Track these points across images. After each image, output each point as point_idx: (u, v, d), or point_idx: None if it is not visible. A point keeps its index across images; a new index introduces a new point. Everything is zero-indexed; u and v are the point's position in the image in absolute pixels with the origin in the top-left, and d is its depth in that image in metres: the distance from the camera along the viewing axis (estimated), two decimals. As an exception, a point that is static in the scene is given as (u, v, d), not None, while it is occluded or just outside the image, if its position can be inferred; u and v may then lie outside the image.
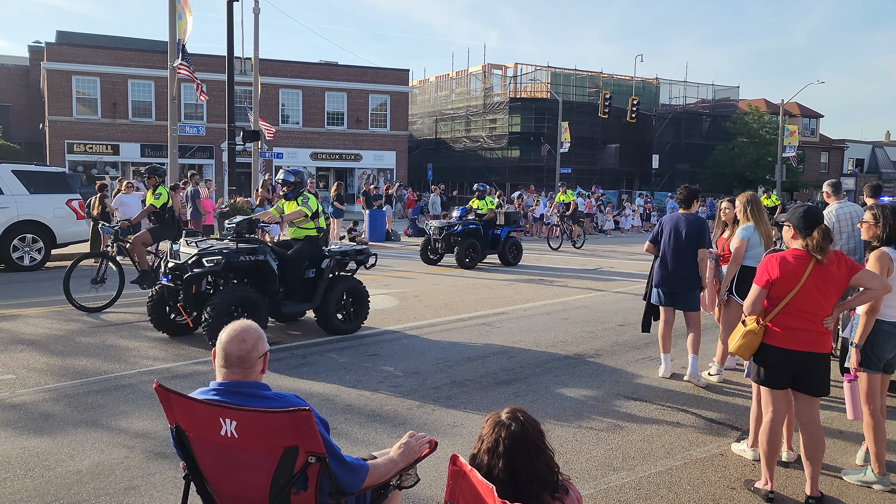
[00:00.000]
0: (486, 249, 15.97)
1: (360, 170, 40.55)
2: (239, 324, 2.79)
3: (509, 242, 16.35)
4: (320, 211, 8.64)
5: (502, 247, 16.16)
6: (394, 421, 5.55)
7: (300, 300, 8.37)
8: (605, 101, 37.84)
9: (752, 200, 6.61)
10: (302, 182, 8.72)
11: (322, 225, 8.62)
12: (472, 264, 15.26)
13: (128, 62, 35.03)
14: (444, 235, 15.62)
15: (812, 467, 4.25)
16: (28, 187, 13.70)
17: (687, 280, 6.79)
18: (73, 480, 4.39)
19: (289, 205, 8.67)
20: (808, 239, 4.09)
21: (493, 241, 16.20)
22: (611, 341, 8.50)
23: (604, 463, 4.85)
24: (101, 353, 7.43)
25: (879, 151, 64.27)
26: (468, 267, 15.14)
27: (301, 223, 8.54)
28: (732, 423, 5.73)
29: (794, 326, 4.15)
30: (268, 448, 2.56)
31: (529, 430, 2.29)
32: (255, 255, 7.78)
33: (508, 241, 16.34)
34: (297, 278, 8.31)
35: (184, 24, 17.66)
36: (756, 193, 6.89)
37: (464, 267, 15.14)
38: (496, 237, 16.24)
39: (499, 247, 16.16)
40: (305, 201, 8.49)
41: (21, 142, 44.50)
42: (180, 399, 2.65)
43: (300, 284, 8.35)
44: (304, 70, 39.02)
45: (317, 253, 8.49)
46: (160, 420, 5.38)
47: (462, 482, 2.26)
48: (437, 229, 15.76)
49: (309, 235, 8.53)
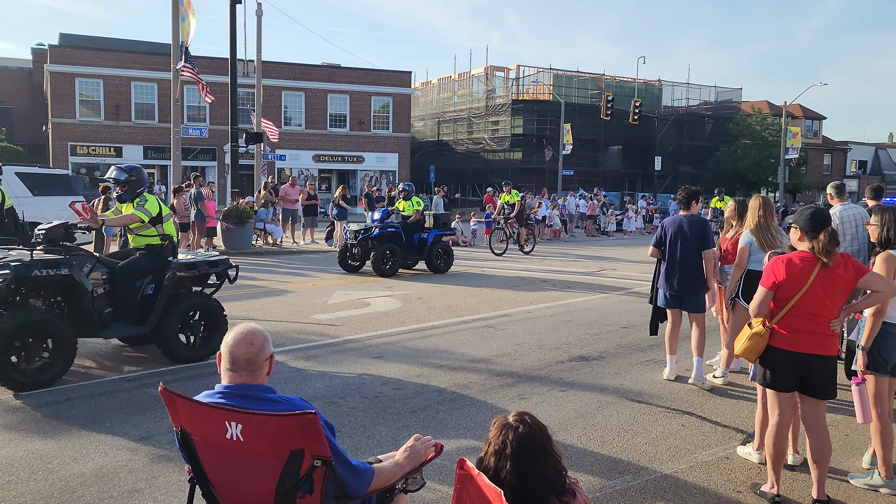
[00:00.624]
0: (411, 255, 14.76)
1: (363, 172, 40.59)
2: (245, 326, 2.78)
3: (437, 247, 14.92)
4: (165, 214, 7.29)
5: (429, 252, 14.74)
6: (398, 424, 5.54)
7: (133, 321, 6.99)
8: (608, 102, 37.83)
9: (742, 204, 6.91)
10: (139, 181, 7.28)
11: (169, 231, 7.32)
12: (390, 271, 13.98)
13: (131, 64, 35.13)
14: (359, 240, 14.31)
15: (818, 470, 4.23)
16: (31, 189, 13.74)
17: (692, 281, 6.77)
18: (76, 483, 4.38)
19: (125, 207, 7.35)
20: (814, 241, 4.07)
21: (419, 245, 14.87)
22: (615, 343, 8.48)
23: (609, 466, 4.83)
24: (103, 356, 7.42)
25: (882, 153, 64.20)
26: (385, 274, 13.86)
27: (139, 230, 7.21)
28: (737, 427, 5.70)
29: (801, 329, 4.13)
30: (273, 451, 2.54)
31: (537, 433, 2.28)
32: (56, 268, 6.32)
33: (436, 245, 14.91)
34: (130, 295, 6.96)
35: (187, 26, 17.70)
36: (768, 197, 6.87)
37: (381, 274, 13.85)
38: (423, 241, 14.87)
39: (425, 252, 14.78)
40: (143, 204, 7.13)
41: (24, 144, 44.59)
42: (186, 402, 2.64)
43: (134, 302, 6.99)
44: (306, 72, 39.10)
45: (158, 265, 7.16)
46: (163, 423, 5.37)
47: (469, 486, 2.25)
48: (354, 233, 14.47)
49: (150, 244, 7.20)
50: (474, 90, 49.81)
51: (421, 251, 14.85)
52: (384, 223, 14.50)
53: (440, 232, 15.23)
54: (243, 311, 9.94)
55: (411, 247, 14.81)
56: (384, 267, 13.91)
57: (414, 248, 14.86)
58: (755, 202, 6.50)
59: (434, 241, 14.96)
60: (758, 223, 6.32)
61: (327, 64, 41.83)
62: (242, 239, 18.20)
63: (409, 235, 14.78)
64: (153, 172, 36.41)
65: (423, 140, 51.52)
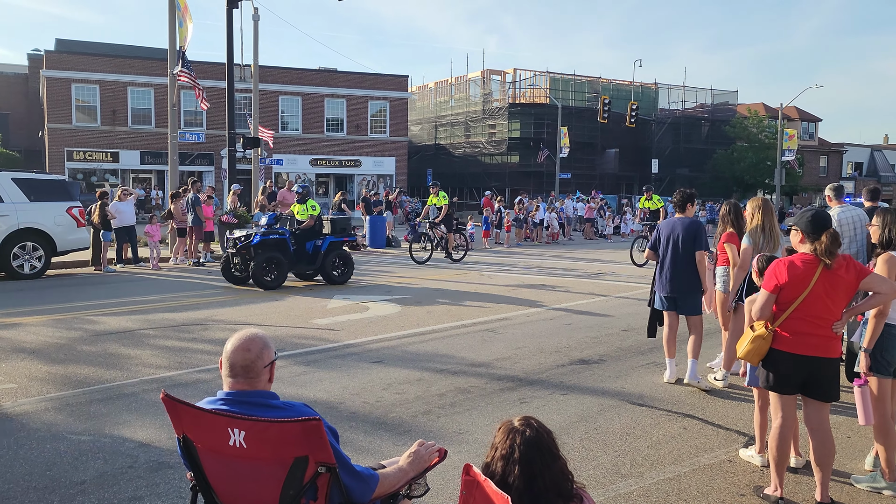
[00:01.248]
0: (303, 264, 13.46)
1: (360, 176, 40.59)
2: (244, 332, 2.76)
3: (332, 255, 13.53)
4: None
5: (323, 261, 13.40)
6: (399, 429, 5.51)
7: None
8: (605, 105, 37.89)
9: (735, 206, 6.92)
10: None
11: None
12: (273, 284, 12.56)
13: (127, 70, 35.12)
14: (238, 248, 12.82)
15: (822, 473, 4.21)
16: (28, 195, 13.68)
17: (686, 283, 6.78)
18: (76, 491, 4.34)
19: None
20: (816, 243, 4.06)
21: (313, 253, 13.52)
22: (615, 346, 8.47)
23: (612, 470, 4.81)
24: (102, 362, 7.39)
25: (878, 155, 64.40)
26: (268, 287, 12.45)
27: None
28: (739, 429, 5.69)
29: (803, 331, 4.12)
30: (277, 458, 2.52)
31: (544, 436, 2.26)
32: None
33: (332, 253, 13.53)
34: None
35: (184, 31, 17.69)
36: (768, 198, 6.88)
37: (262, 287, 12.42)
38: (317, 249, 13.53)
39: (318, 261, 13.45)
40: None
41: (20, 150, 44.54)
42: (188, 409, 2.62)
43: None
44: (303, 77, 39.12)
45: None
46: (164, 429, 5.35)
47: (476, 492, 2.23)
48: (233, 241, 12.99)
49: None
50: (471, 94, 49.87)
51: (314, 260, 13.52)
52: (270, 229, 13.12)
53: (337, 239, 13.87)
54: (242, 317, 9.91)
55: (303, 255, 13.51)
56: (265, 279, 12.53)
57: (307, 257, 13.54)
58: (755, 203, 6.50)
59: (329, 249, 13.58)
60: (757, 225, 6.32)
61: (324, 68, 41.86)
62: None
63: (302, 243, 13.50)
64: (150, 178, 36.40)
65: (421, 144, 51.55)
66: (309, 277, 13.91)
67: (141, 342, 8.31)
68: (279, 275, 12.75)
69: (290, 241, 13.21)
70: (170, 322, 9.55)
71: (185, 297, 11.67)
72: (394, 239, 22.94)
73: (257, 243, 12.69)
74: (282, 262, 12.81)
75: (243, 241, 12.78)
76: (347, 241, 14.25)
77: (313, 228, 13.70)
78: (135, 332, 8.83)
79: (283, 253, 12.98)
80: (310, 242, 13.60)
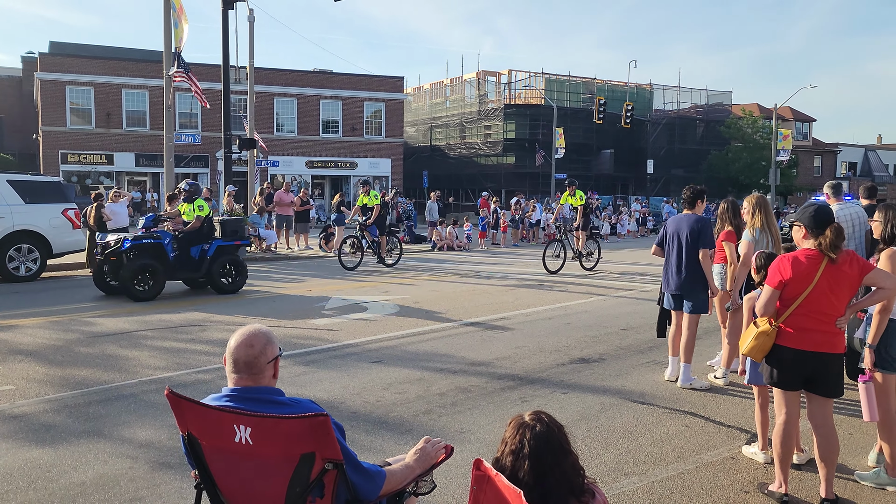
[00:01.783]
0: (186, 271, 12.11)
1: (356, 177, 40.51)
2: (247, 328, 2.73)
3: (220, 261, 12.23)
4: None
5: (209, 267, 12.10)
6: (401, 428, 5.49)
7: None
8: (600, 106, 37.92)
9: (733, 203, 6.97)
10: None
11: None
12: (147, 294, 11.25)
13: (121, 72, 35.00)
14: (107, 254, 11.56)
15: (826, 469, 4.20)
16: (23, 197, 13.60)
17: (689, 282, 6.71)
18: (76, 492, 4.31)
19: None
20: (820, 238, 4.05)
21: (199, 259, 12.16)
22: (614, 345, 8.46)
23: (615, 468, 4.79)
24: (100, 363, 7.34)
25: (872, 155, 64.65)
26: (140, 298, 11.13)
27: None
28: (741, 426, 5.68)
29: (807, 327, 4.11)
30: (284, 455, 2.50)
31: (554, 431, 2.24)
32: None
33: (220, 259, 12.23)
34: None
35: (179, 32, 17.63)
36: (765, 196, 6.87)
37: (133, 298, 11.10)
38: (203, 254, 12.18)
39: (203, 267, 12.13)
40: None
41: (14, 153, 44.36)
42: (193, 406, 2.59)
43: None
44: (298, 78, 39.05)
45: None
46: (164, 430, 5.31)
47: (487, 487, 2.20)
48: (101, 246, 11.88)
49: None
50: (466, 95, 49.84)
51: (200, 267, 12.16)
52: (146, 232, 11.88)
53: (227, 243, 12.47)
54: (240, 317, 9.87)
55: (187, 261, 12.10)
56: (137, 289, 11.19)
57: (192, 263, 12.14)
58: (752, 201, 6.50)
59: (216, 255, 12.22)
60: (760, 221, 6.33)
61: (319, 70, 41.81)
62: (237, 245, 18.07)
63: (186, 247, 12.11)
64: (145, 180, 36.28)
65: (416, 145, 51.50)
66: (200, 285, 12.73)
67: (139, 343, 8.27)
68: (154, 284, 11.42)
69: (168, 246, 11.83)
70: (167, 323, 9.51)
71: (182, 298, 11.61)
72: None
73: (128, 248, 11.48)
74: (157, 270, 11.48)
75: (113, 246, 11.55)
76: (240, 244, 12.83)
77: (201, 231, 12.31)
78: (132, 334, 8.78)
79: (159, 259, 11.64)
80: (196, 247, 12.21)
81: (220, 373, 6.82)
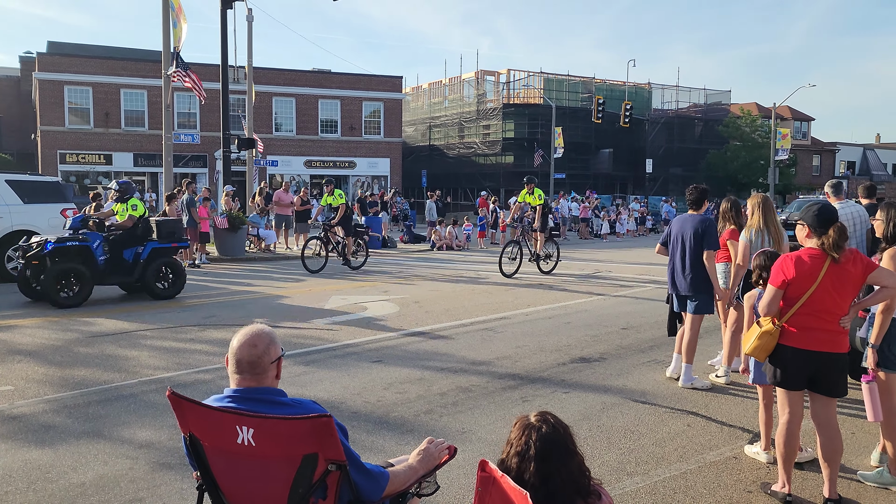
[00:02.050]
0: (118, 275, 11.28)
1: (355, 177, 40.51)
2: (250, 328, 2.71)
3: (156, 265, 11.43)
4: None
5: (143, 271, 11.28)
6: (402, 428, 5.47)
7: None
8: (598, 106, 37.92)
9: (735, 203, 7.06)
10: None
11: None
12: (72, 300, 10.47)
13: (120, 71, 34.95)
14: (28, 258, 10.81)
15: (830, 469, 4.19)
16: (22, 197, 13.57)
17: (693, 281, 6.69)
18: (76, 493, 4.28)
19: None
20: (823, 237, 4.03)
21: (133, 262, 11.38)
22: (615, 345, 8.44)
23: (617, 468, 4.77)
24: (100, 363, 7.31)
25: (870, 154, 64.70)
26: (63, 305, 10.37)
27: None
28: (743, 426, 5.66)
29: (811, 326, 4.09)
30: (286, 456, 2.48)
31: (560, 432, 2.23)
32: None
33: (154, 262, 11.41)
34: None
35: (178, 31, 17.60)
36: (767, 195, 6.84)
37: (55, 304, 10.36)
38: (137, 257, 11.38)
39: (136, 272, 11.31)
40: None
41: (12, 153, 44.28)
42: (194, 406, 2.57)
43: None
44: (297, 78, 39.01)
45: None
46: (164, 430, 5.29)
47: (492, 489, 2.18)
48: (23, 249, 11.20)
49: None
50: (465, 94, 49.83)
51: (132, 270, 11.35)
52: (73, 234, 11.01)
53: (163, 245, 11.65)
54: (239, 317, 9.85)
55: (119, 265, 11.31)
56: (60, 295, 10.42)
57: (124, 267, 11.34)
58: (754, 201, 6.49)
59: (150, 258, 11.43)
60: (758, 222, 6.32)
61: (318, 70, 41.77)
62: (236, 245, 18.09)
63: (119, 250, 11.35)
64: (143, 180, 36.23)
65: (415, 145, 51.47)
66: (136, 290, 11.87)
67: (138, 343, 8.24)
68: (81, 290, 10.62)
69: (98, 249, 10.99)
70: (167, 323, 9.48)
71: (181, 298, 11.58)
72: (389, 240, 22.92)
73: (51, 251, 10.61)
74: (83, 275, 10.64)
75: (35, 249, 10.77)
76: (177, 247, 12.10)
77: (134, 233, 11.54)
78: (132, 334, 8.76)
79: (85, 263, 10.78)
80: (129, 249, 11.44)
81: (220, 372, 6.80)
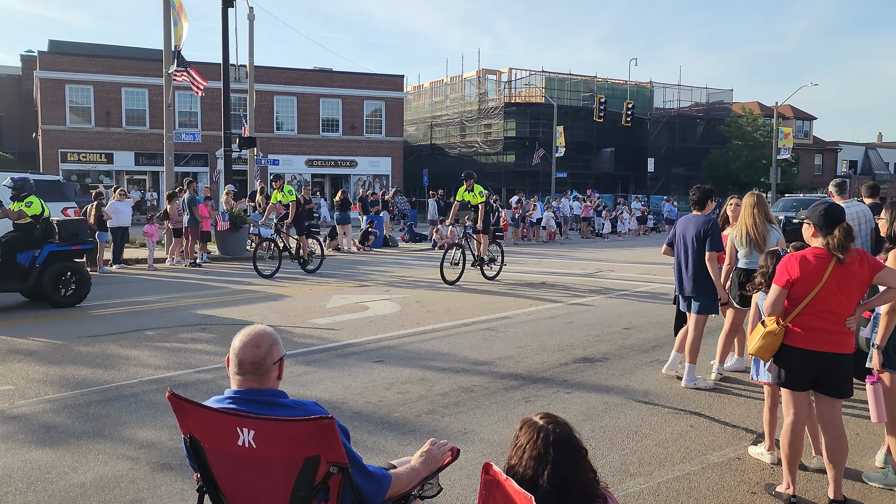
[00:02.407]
0: (9, 281, 10.18)
1: (356, 176, 40.47)
2: (252, 329, 2.68)
3: (54, 270, 10.37)
4: None
5: (38, 277, 10.26)
6: (403, 428, 5.44)
7: None
8: (600, 105, 37.86)
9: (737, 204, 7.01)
10: None
11: None
12: None
13: (121, 70, 34.92)
14: None
15: (835, 470, 4.16)
16: (23, 196, 13.54)
17: (697, 282, 6.65)
18: (77, 494, 4.26)
19: None
20: (829, 237, 4.00)
21: (29, 267, 10.29)
22: (617, 345, 8.41)
23: (620, 469, 4.74)
24: (100, 363, 7.29)
25: (872, 153, 64.62)
26: None
27: None
28: (747, 426, 5.63)
29: (816, 327, 4.06)
30: (288, 458, 2.45)
31: (569, 432, 2.20)
32: None
33: (52, 266, 10.36)
34: None
35: (179, 30, 17.57)
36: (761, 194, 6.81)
37: None
38: (33, 261, 10.30)
39: (30, 278, 10.25)
40: None
41: (14, 151, 44.23)
42: (195, 408, 2.54)
43: None
44: (298, 77, 38.97)
45: None
46: (165, 431, 5.27)
47: (496, 492, 2.16)
48: None
49: None
50: (466, 94, 49.79)
51: (27, 276, 10.27)
52: None
53: (63, 248, 10.57)
54: (239, 317, 9.82)
55: (13, 270, 10.20)
56: None
57: (18, 272, 10.24)
58: (747, 200, 6.51)
59: (49, 262, 10.34)
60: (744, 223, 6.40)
61: (319, 69, 41.71)
62: (237, 244, 18.07)
63: (12, 253, 10.20)
64: (145, 179, 36.23)
65: (416, 144, 51.43)
66: (36, 296, 10.77)
67: (139, 343, 8.22)
68: None
69: None
70: (167, 323, 9.46)
71: (181, 298, 11.57)
72: (391, 239, 22.91)
73: None
74: None
75: None
76: (80, 250, 11.02)
77: (31, 235, 10.40)
78: (132, 333, 8.73)
79: None
80: (26, 253, 10.31)
81: (220, 372, 6.78)
